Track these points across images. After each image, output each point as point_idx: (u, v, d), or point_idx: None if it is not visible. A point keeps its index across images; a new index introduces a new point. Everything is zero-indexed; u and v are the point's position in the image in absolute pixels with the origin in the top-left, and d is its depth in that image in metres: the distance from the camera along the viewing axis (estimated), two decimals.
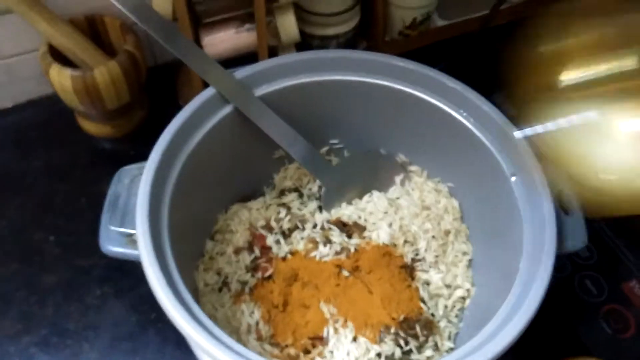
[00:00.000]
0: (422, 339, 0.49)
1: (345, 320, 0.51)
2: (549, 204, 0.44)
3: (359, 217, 0.57)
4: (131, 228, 0.45)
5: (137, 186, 0.45)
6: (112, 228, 0.46)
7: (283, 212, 0.56)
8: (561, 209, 0.46)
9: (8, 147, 0.71)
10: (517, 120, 0.47)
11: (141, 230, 0.42)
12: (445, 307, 0.53)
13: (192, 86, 0.68)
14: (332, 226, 0.56)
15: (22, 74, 0.72)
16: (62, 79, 0.62)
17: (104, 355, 0.56)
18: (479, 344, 0.39)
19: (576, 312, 0.56)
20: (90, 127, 0.71)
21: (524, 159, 0.46)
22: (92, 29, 0.68)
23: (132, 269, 0.59)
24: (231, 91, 0.51)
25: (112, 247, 0.46)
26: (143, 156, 0.69)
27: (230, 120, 0.52)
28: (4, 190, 0.67)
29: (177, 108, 0.72)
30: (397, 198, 0.58)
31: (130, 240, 0.45)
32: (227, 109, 0.52)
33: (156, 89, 0.74)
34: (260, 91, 0.53)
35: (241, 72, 0.52)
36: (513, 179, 0.47)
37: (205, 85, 0.64)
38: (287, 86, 0.54)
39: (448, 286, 0.54)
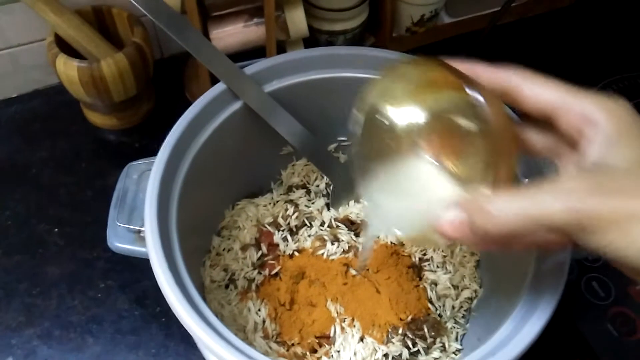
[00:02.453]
0: (429, 340, 0.49)
1: (353, 320, 0.50)
2: None
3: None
4: (139, 224, 0.45)
5: (146, 182, 0.45)
6: (120, 224, 0.45)
7: (291, 209, 0.56)
8: None
9: (13, 137, 0.70)
10: None
11: (150, 227, 0.42)
12: (453, 307, 0.53)
13: (200, 80, 0.67)
14: (340, 224, 0.56)
15: (27, 63, 0.71)
16: (68, 69, 0.62)
17: (107, 349, 0.56)
18: (491, 350, 0.39)
19: (583, 314, 0.56)
20: (96, 118, 0.71)
21: (538, 162, 0.46)
22: (100, 20, 0.67)
23: (136, 262, 0.59)
24: (241, 87, 0.50)
25: (120, 244, 0.45)
26: (148, 149, 0.69)
27: (240, 116, 0.52)
28: (8, 180, 0.67)
29: (184, 101, 0.73)
30: None
31: (138, 236, 0.45)
32: (236, 105, 0.51)
33: (162, 82, 0.74)
34: (270, 87, 0.52)
35: (251, 68, 0.51)
36: (526, 181, 0.47)
37: (213, 78, 0.64)
38: (297, 82, 0.53)
39: (455, 287, 0.53)
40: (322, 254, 0.54)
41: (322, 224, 0.56)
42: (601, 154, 0.32)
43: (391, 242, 0.55)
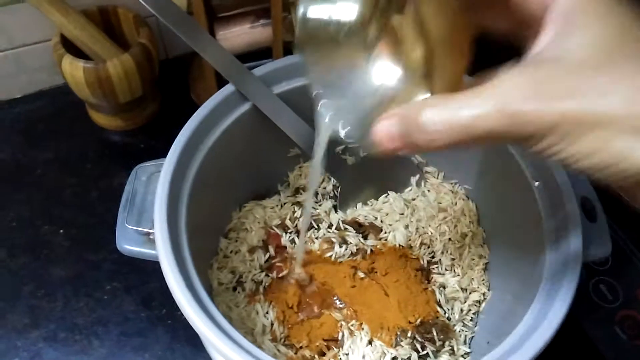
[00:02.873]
0: (438, 343, 0.49)
1: (361, 323, 0.50)
2: (574, 210, 0.43)
3: (375, 218, 0.56)
4: (148, 227, 0.45)
5: (155, 184, 0.45)
6: (129, 227, 0.45)
7: (298, 211, 0.56)
8: (585, 216, 0.46)
9: (17, 138, 0.70)
10: None
11: (160, 230, 0.41)
12: (461, 310, 0.52)
13: (205, 81, 0.67)
14: (348, 226, 0.55)
15: (32, 64, 0.71)
16: (74, 70, 0.61)
17: (113, 351, 0.56)
18: (503, 354, 0.38)
19: (590, 317, 0.56)
20: (101, 119, 0.70)
21: (548, 163, 0.46)
22: (105, 21, 0.67)
23: (142, 264, 0.58)
24: (250, 88, 0.50)
25: (130, 247, 0.45)
26: (154, 150, 0.69)
27: (248, 117, 0.51)
28: (13, 181, 0.67)
29: (189, 102, 0.73)
30: (413, 199, 0.58)
31: (148, 239, 0.45)
32: (245, 107, 0.51)
33: (167, 83, 0.74)
34: (279, 88, 0.52)
35: (260, 69, 0.51)
36: (536, 184, 0.46)
37: (219, 79, 0.63)
38: (306, 84, 0.53)
39: (464, 290, 0.53)
40: (330, 256, 0.54)
41: (330, 226, 0.56)
42: (555, 41, 0.27)
43: (399, 245, 0.54)
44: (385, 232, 0.56)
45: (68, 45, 0.63)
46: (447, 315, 0.52)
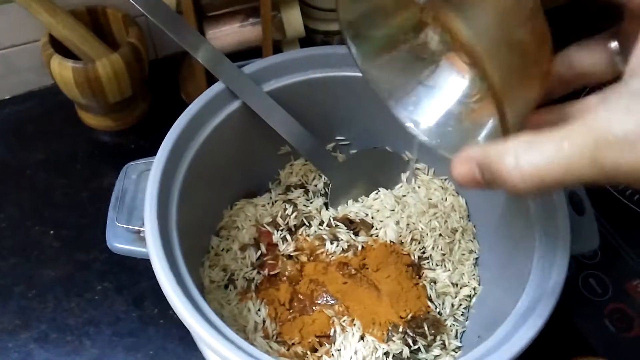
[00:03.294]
0: (430, 337, 0.49)
1: (353, 319, 0.50)
2: (562, 204, 0.44)
3: (366, 215, 0.57)
4: (139, 225, 0.45)
5: (145, 182, 0.45)
6: (119, 225, 0.45)
7: (289, 209, 0.56)
8: (574, 210, 0.46)
9: (7, 139, 0.70)
10: None
11: (150, 227, 0.41)
12: (452, 305, 0.53)
13: (196, 80, 0.67)
14: (339, 223, 0.55)
15: (21, 64, 0.71)
16: (63, 70, 0.61)
17: (105, 352, 0.56)
18: (492, 347, 0.39)
19: (580, 310, 0.57)
20: (91, 119, 0.70)
21: None
22: (94, 21, 0.67)
23: (133, 264, 0.59)
24: (240, 86, 0.50)
25: (120, 245, 0.45)
26: (144, 150, 0.69)
27: (238, 115, 0.52)
28: (3, 183, 0.66)
29: (179, 102, 0.73)
30: (404, 195, 0.58)
31: (138, 237, 0.45)
32: (235, 105, 0.51)
33: (157, 83, 0.74)
34: (268, 86, 0.52)
35: (250, 67, 0.51)
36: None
37: (209, 79, 0.63)
38: (296, 82, 0.53)
39: (455, 284, 0.54)
40: (322, 253, 0.54)
41: (321, 223, 0.56)
42: None
43: (390, 241, 0.55)
44: (376, 229, 0.56)
45: (57, 46, 0.63)
46: (438, 310, 0.52)
